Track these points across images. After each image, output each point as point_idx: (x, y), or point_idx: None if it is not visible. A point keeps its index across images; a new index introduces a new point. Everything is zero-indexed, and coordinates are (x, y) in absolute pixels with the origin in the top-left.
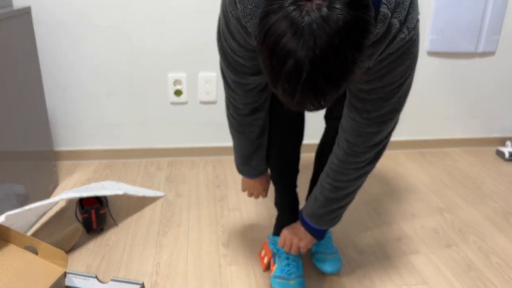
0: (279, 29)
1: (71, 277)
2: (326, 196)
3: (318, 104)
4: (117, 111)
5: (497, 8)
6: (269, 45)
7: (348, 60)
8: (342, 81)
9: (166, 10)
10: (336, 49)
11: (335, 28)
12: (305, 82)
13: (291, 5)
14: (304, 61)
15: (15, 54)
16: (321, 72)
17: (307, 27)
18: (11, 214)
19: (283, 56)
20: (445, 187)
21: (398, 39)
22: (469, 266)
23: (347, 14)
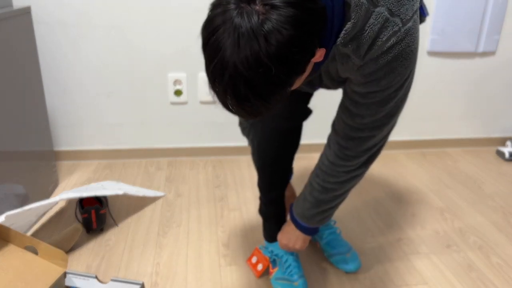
0: (215, 23)
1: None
2: (316, 197)
3: (244, 112)
4: (117, 111)
5: (497, 8)
6: (205, 35)
7: (272, 75)
8: (268, 96)
9: (166, 10)
10: (259, 63)
11: (261, 44)
12: (227, 83)
13: (233, 3)
14: (228, 62)
15: (15, 54)
16: (242, 79)
17: (237, 30)
18: (11, 214)
19: (213, 51)
20: (446, 187)
21: (390, 33)
22: (470, 266)
23: (283, 30)
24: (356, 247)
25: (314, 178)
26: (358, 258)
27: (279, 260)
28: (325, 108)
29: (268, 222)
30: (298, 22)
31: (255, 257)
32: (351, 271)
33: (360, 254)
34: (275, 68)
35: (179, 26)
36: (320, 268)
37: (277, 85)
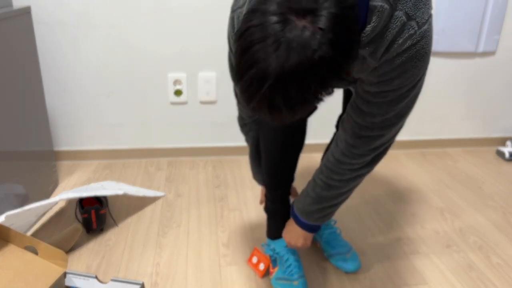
0: (256, 34)
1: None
2: (318, 193)
3: (270, 118)
4: (117, 111)
5: (497, 8)
6: (242, 45)
7: (309, 90)
8: (298, 107)
9: (166, 10)
10: (302, 76)
11: (309, 57)
12: (264, 93)
13: (277, 14)
14: (270, 73)
15: (15, 54)
16: (282, 90)
17: (285, 43)
18: (11, 214)
19: (252, 61)
20: (446, 187)
21: (406, 35)
22: (470, 266)
23: (325, 50)
24: (356, 247)
25: (318, 175)
26: (358, 258)
27: (280, 259)
28: (325, 108)
29: (273, 219)
30: (338, 46)
31: (255, 257)
32: (351, 271)
33: (360, 254)
34: (313, 84)
35: (179, 26)
36: (320, 268)
37: (308, 100)
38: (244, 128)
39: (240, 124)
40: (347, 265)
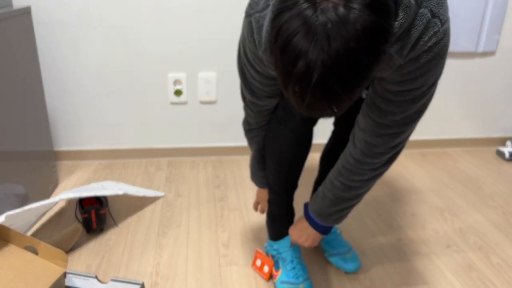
0: (291, 27)
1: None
2: (337, 195)
3: (329, 110)
4: (117, 111)
5: (497, 8)
6: (280, 43)
7: (363, 66)
8: (356, 87)
9: (166, 10)
10: (351, 52)
11: (351, 31)
12: (316, 84)
13: (305, 2)
14: (316, 62)
15: (15, 54)
16: (334, 75)
17: (321, 27)
18: (11, 214)
19: (294, 56)
20: (446, 187)
21: (431, 33)
22: (470, 266)
23: (366, 17)
24: (356, 247)
25: (336, 177)
26: (358, 258)
27: (283, 260)
28: None
29: (278, 221)
30: (377, 10)
31: (259, 260)
32: (351, 271)
33: (360, 254)
34: (364, 57)
35: (179, 26)
36: (320, 268)
37: (364, 77)
38: (250, 133)
39: (246, 129)
40: (347, 265)
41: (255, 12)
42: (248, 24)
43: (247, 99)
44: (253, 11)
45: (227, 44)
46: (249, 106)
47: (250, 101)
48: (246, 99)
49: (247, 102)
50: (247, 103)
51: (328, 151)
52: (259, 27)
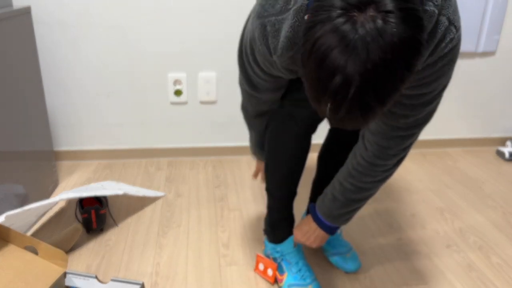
0: (328, 42)
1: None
2: (348, 197)
3: (363, 122)
4: (117, 111)
5: (497, 8)
6: (316, 59)
7: (398, 78)
8: (390, 99)
9: (166, 10)
10: (388, 64)
11: (389, 43)
12: (353, 97)
13: (340, 16)
14: (353, 75)
15: (15, 54)
16: (371, 87)
17: (361, 40)
18: (11, 214)
19: (331, 71)
20: (446, 187)
21: (448, 40)
22: (470, 266)
23: (402, 30)
24: (356, 247)
25: (347, 179)
26: (358, 258)
27: (288, 262)
28: None
29: (280, 225)
30: (412, 23)
31: (262, 264)
32: (351, 271)
33: (360, 254)
34: (400, 69)
35: (179, 26)
36: (320, 268)
37: (398, 89)
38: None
39: (244, 115)
40: (347, 265)
41: (270, 15)
42: (260, 27)
43: (247, 93)
44: (268, 13)
45: (227, 44)
46: (249, 99)
47: (250, 94)
48: (246, 91)
49: (247, 95)
50: (247, 95)
51: (325, 150)
52: (275, 31)
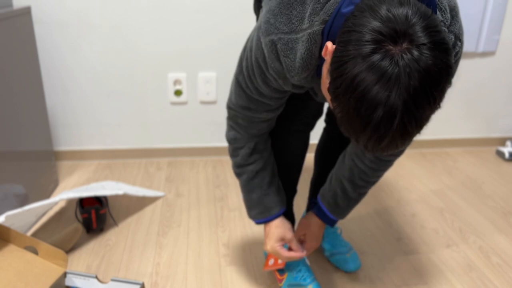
0: (368, 79)
1: (71, 277)
2: (361, 192)
3: (401, 147)
4: (117, 111)
5: (497, 8)
6: (356, 96)
7: (436, 103)
8: (426, 122)
9: (166, 10)
10: (427, 89)
11: (427, 69)
12: (397, 128)
13: (375, 52)
14: (397, 106)
15: (15, 54)
16: (413, 115)
17: (403, 71)
18: (11, 214)
19: (374, 106)
20: (445, 187)
21: (453, 54)
22: (469, 266)
23: (435, 58)
24: (356, 247)
25: (361, 177)
26: (358, 258)
27: (287, 263)
28: None
29: None
30: (442, 50)
31: (272, 259)
32: (351, 271)
33: (360, 254)
34: (439, 93)
35: (179, 26)
36: (321, 268)
37: (434, 111)
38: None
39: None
40: (348, 265)
41: (280, 33)
42: (270, 44)
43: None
44: (278, 31)
45: (227, 44)
46: (239, 122)
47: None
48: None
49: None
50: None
51: (322, 148)
52: (288, 50)
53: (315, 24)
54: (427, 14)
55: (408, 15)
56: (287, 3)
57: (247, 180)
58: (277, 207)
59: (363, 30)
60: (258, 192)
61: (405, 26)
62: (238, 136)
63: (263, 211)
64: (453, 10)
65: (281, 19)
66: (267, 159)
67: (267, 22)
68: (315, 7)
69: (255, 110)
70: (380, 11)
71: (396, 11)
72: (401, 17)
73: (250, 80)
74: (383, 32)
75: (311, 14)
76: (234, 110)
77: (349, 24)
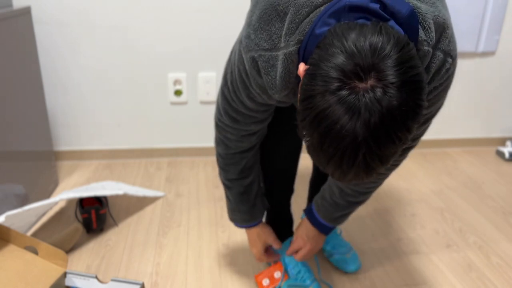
0: (330, 117)
1: (71, 277)
2: (349, 200)
3: (365, 179)
4: (117, 111)
5: (497, 8)
6: (319, 131)
7: (397, 139)
8: (390, 159)
9: (166, 10)
10: (389, 129)
11: (389, 112)
12: (359, 164)
13: (342, 89)
14: (359, 143)
15: (15, 54)
16: (376, 153)
17: (363, 109)
18: (11, 214)
19: (335, 142)
20: (446, 187)
21: (444, 70)
22: (469, 266)
23: (401, 99)
24: (356, 247)
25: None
26: (358, 258)
27: (287, 264)
28: None
29: (278, 226)
30: (410, 90)
31: (266, 279)
32: (351, 271)
33: (360, 254)
34: (402, 132)
35: (179, 26)
36: (320, 268)
37: (398, 149)
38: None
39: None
40: (347, 265)
41: (261, 50)
42: (252, 61)
43: (229, 127)
44: (258, 48)
45: (227, 44)
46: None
47: (233, 128)
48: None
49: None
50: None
51: None
52: (269, 67)
53: (291, 44)
54: (401, 44)
55: (378, 46)
56: (266, 18)
57: (237, 194)
58: (260, 215)
59: (328, 65)
60: (246, 204)
61: (372, 61)
62: (230, 151)
63: (249, 219)
64: (441, 26)
65: (261, 35)
66: (256, 171)
67: (248, 37)
68: (290, 27)
69: (243, 122)
70: (347, 42)
71: (365, 42)
72: (368, 50)
73: (235, 94)
74: (346, 70)
75: (286, 34)
76: (223, 123)
77: (316, 57)
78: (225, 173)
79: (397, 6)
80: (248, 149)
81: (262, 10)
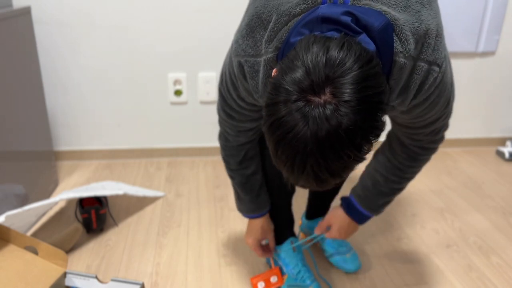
0: (282, 128)
1: (71, 277)
2: (394, 187)
3: (319, 189)
4: (117, 111)
5: (497, 8)
6: (276, 136)
7: (346, 156)
8: (341, 173)
9: (166, 10)
10: (337, 148)
11: (336, 131)
12: (308, 174)
13: (298, 100)
14: (306, 155)
15: (15, 54)
16: (323, 166)
17: (312, 124)
18: (11, 214)
19: (285, 152)
20: (446, 187)
21: (431, 81)
22: (470, 266)
23: (353, 119)
24: (356, 247)
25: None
26: (358, 258)
27: (287, 265)
28: None
29: (279, 226)
30: (364, 110)
31: (261, 283)
32: (351, 271)
33: (360, 254)
34: (351, 150)
35: (179, 26)
36: (321, 268)
37: (352, 163)
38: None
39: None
40: (347, 265)
41: (247, 56)
42: (238, 65)
43: (227, 122)
44: (245, 53)
45: (227, 44)
46: (227, 130)
47: (230, 124)
48: (224, 120)
49: (225, 127)
50: (225, 128)
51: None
52: (254, 72)
53: (269, 51)
54: (363, 60)
55: (336, 62)
56: (252, 26)
57: (240, 183)
58: (266, 206)
59: (288, 79)
60: (249, 194)
61: (327, 77)
62: (229, 144)
63: (254, 209)
64: (423, 37)
65: (247, 41)
66: (258, 163)
67: (236, 42)
68: (270, 35)
69: (238, 119)
70: (307, 55)
71: (324, 57)
72: (324, 66)
73: (229, 93)
74: (303, 86)
75: (266, 41)
76: (221, 118)
77: (283, 66)
78: (227, 164)
79: (370, 19)
80: (245, 142)
81: (250, 17)
